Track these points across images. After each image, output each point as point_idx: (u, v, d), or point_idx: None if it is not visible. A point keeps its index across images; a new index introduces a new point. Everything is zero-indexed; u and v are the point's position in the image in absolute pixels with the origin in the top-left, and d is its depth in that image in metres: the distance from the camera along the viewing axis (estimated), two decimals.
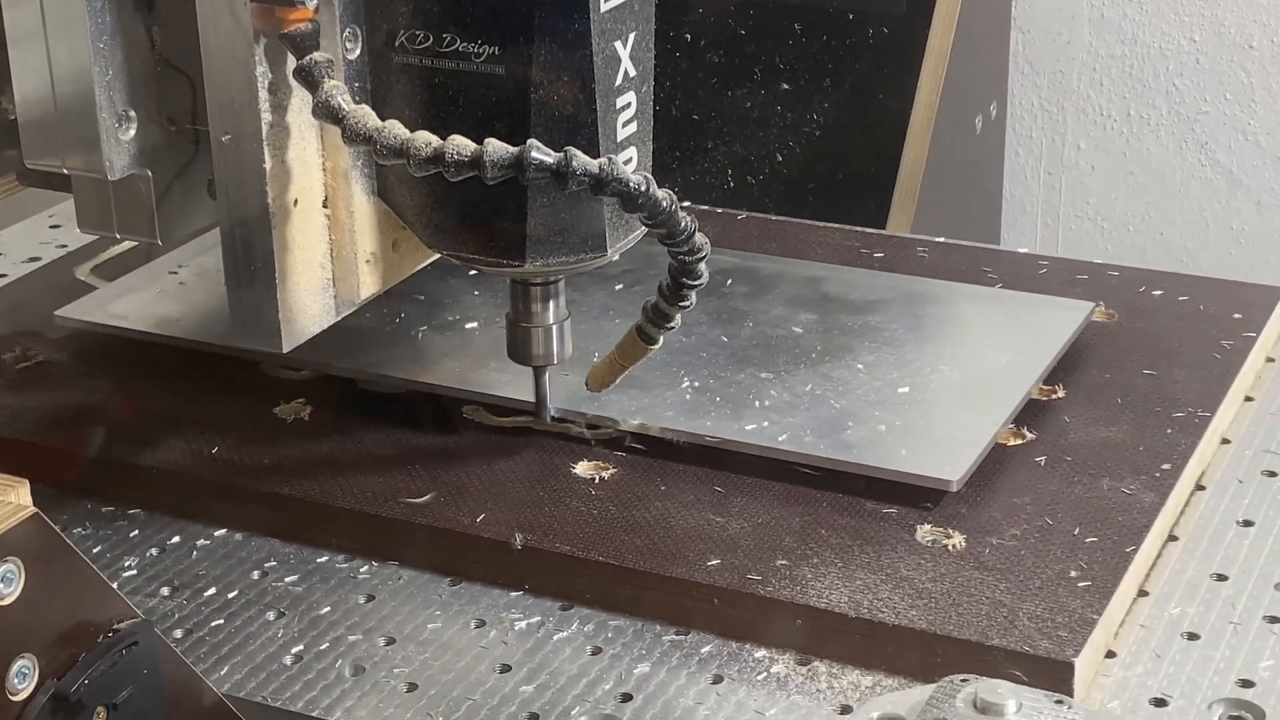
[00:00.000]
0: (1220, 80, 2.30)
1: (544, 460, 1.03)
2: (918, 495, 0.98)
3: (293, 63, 0.88)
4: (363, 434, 1.07)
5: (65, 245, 1.36)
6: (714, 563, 0.93)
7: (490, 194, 0.89)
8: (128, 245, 1.28)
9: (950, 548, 0.94)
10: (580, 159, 0.84)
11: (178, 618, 0.94)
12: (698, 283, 0.94)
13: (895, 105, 1.98)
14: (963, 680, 0.80)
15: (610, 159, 0.85)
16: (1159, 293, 1.21)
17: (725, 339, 1.13)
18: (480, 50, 0.90)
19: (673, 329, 0.98)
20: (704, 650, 0.91)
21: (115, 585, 0.79)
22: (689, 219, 0.89)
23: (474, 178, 0.85)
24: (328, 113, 0.87)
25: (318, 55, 0.88)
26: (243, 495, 1.02)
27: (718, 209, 1.40)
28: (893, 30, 1.99)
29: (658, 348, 1.00)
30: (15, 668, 0.70)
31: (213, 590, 0.96)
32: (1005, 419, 1.03)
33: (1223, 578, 0.94)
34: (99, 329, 1.18)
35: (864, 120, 2.01)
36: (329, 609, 0.94)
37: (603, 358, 1.02)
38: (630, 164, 0.94)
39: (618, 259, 0.98)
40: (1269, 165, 2.31)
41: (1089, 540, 0.94)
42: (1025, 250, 1.32)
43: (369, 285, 0.97)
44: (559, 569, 0.95)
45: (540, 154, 0.84)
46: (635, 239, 0.97)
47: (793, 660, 0.90)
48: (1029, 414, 1.06)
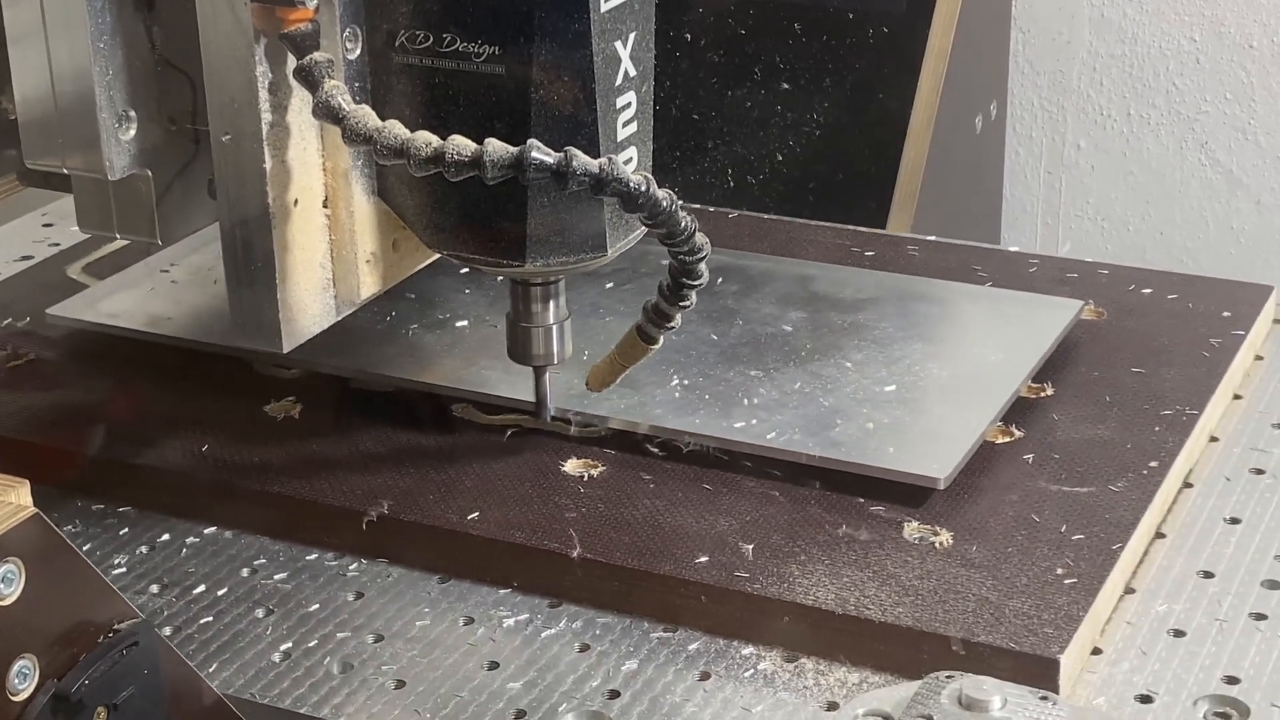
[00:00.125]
0: (1220, 80, 2.30)
1: (533, 458, 1.04)
2: (905, 493, 0.98)
3: (293, 63, 0.88)
4: (353, 432, 1.07)
5: (58, 244, 1.36)
6: (702, 560, 0.94)
7: (490, 194, 0.89)
8: (120, 244, 1.28)
9: (937, 545, 0.94)
10: (580, 159, 0.84)
11: (166, 615, 0.94)
12: (698, 282, 0.94)
13: (895, 105, 1.99)
14: (948, 677, 0.80)
15: (610, 159, 0.85)
16: (1148, 291, 1.21)
17: (715, 337, 1.13)
18: (480, 50, 0.90)
19: (673, 329, 0.98)
20: (691, 647, 0.91)
21: None
22: (689, 219, 0.89)
23: (474, 178, 0.85)
24: (328, 113, 0.87)
25: (318, 55, 0.88)
26: (233, 493, 1.02)
27: (710, 208, 1.40)
28: (893, 30, 1.99)
29: (658, 347, 1.00)
30: (16, 668, 0.70)
31: (202, 588, 0.96)
32: (993, 417, 1.03)
33: (1209, 575, 0.95)
34: (90, 327, 1.18)
35: (864, 120, 2.01)
36: (318, 606, 0.95)
37: (603, 358, 1.02)
38: (630, 164, 0.94)
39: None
40: (1269, 165, 2.32)
41: (1076, 538, 0.94)
42: (1016, 249, 1.32)
43: (369, 285, 0.98)
44: (547, 566, 0.95)
45: (540, 154, 0.84)
46: (635, 239, 0.97)
47: (780, 657, 0.90)
48: (1017, 412, 1.06)
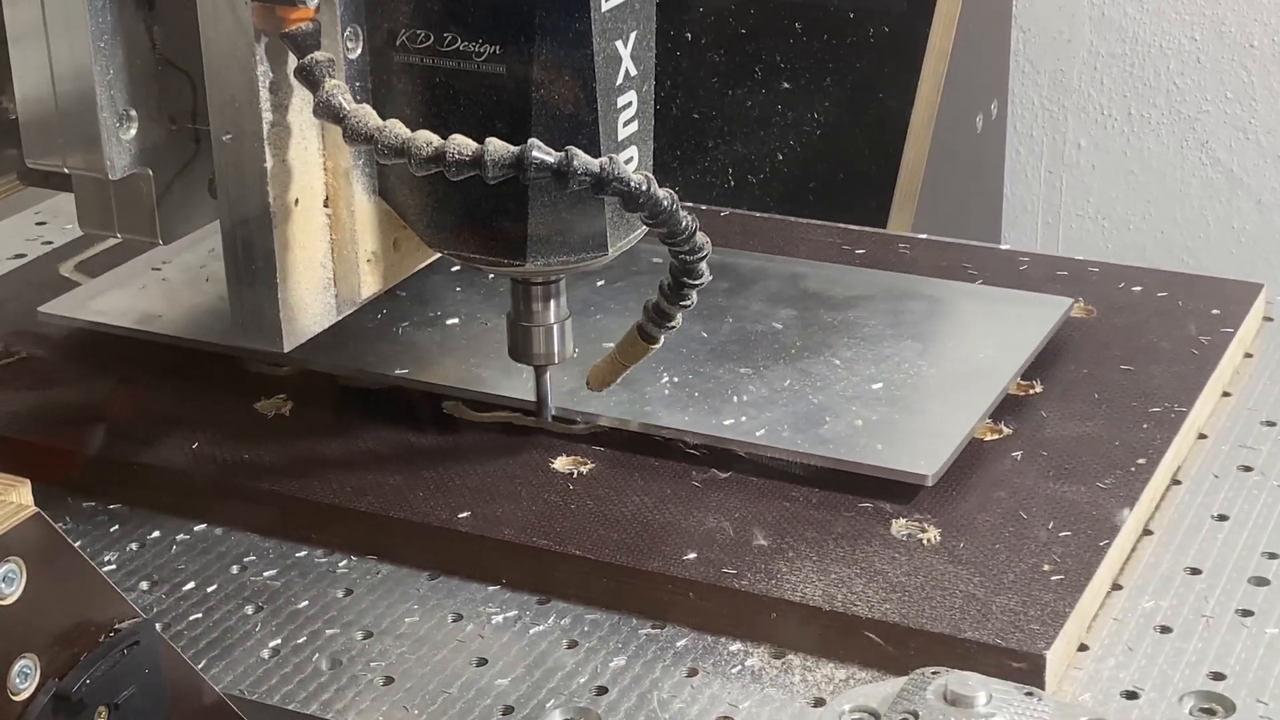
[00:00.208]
0: (1221, 79, 2.30)
1: (523, 455, 1.04)
2: (894, 489, 0.98)
3: (294, 62, 0.88)
4: (343, 430, 1.07)
5: (50, 242, 1.37)
6: (690, 557, 0.94)
7: (491, 193, 0.89)
8: (112, 242, 1.28)
9: (925, 542, 0.94)
10: (581, 158, 0.84)
11: (156, 612, 0.94)
12: (699, 282, 0.93)
13: (896, 104, 1.99)
14: (933, 673, 0.81)
15: (611, 158, 0.85)
16: (1138, 289, 1.21)
17: (705, 335, 1.13)
18: (481, 49, 0.90)
19: (674, 328, 0.98)
20: (680, 644, 0.91)
21: None
22: (690, 218, 0.89)
23: (475, 177, 0.85)
24: (329, 112, 0.87)
25: (319, 54, 0.88)
26: (223, 490, 1.02)
27: (702, 205, 1.41)
28: (893, 29, 2.00)
29: (659, 347, 1.00)
30: (17, 667, 0.70)
31: (191, 585, 0.96)
32: (982, 414, 1.04)
33: (1196, 571, 0.95)
34: (82, 325, 1.18)
35: (865, 119, 2.02)
36: (307, 603, 0.95)
37: (604, 357, 1.02)
38: (631, 163, 0.94)
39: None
40: (1269, 164, 2.32)
41: (1063, 534, 0.94)
42: (1007, 247, 1.32)
43: (370, 285, 0.98)
44: (536, 563, 0.96)
45: (541, 153, 0.84)
46: (636, 238, 0.97)
47: (767, 653, 0.90)
48: (1006, 409, 1.06)
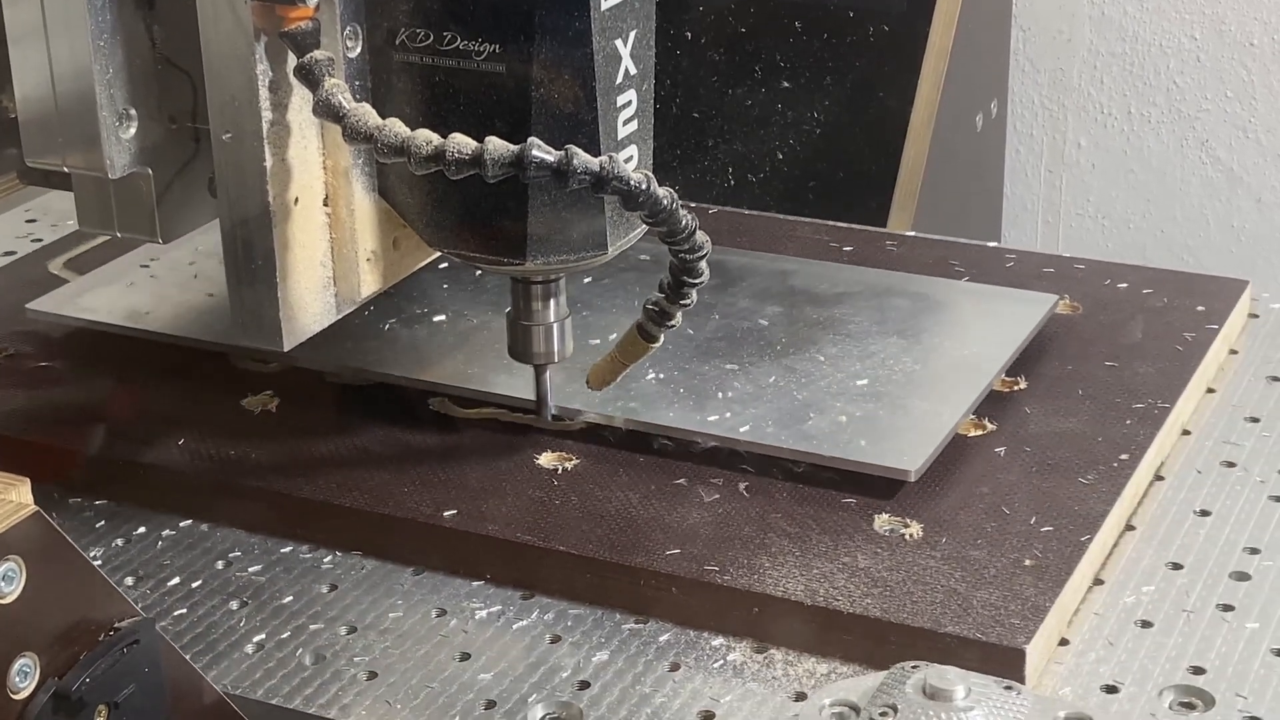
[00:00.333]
0: (1221, 78, 2.31)
1: (508, 451, 1.04)
2: (877, 485, 0.98)
3: (293, 61, 0.89)
4: (329, 426, 1.07)
5: (40, 239, 1.37)
6: (673, 552, 0.94)
7: (491, 192, 0.89)
8: (101, 240, 1.28)
9: (907, 537, 0.95)
10: (581, 157, 0.84)
11: (141, 607, 0.94)
12: (699, 281, 0.94)
13: (896, 103, 1.99)
14: (913, 667, 0.81)
15: (611, 157, 0.85)
16: (1124, 285, 1.22)
17: (691, 331, 1.13)
18: (481, 48, 0.90)
19: (674, 327, 0.98)
20: (662, 639, 0.92)
21: None
22: (690, 217, 0.89)
23: (474, 176, 0.85)
24: (328, 111, 0.87)
25: (318, 53, 0.88)
26: (209, 487, 1.03)
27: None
28: (893, 28, 2.00)
29: (659, 346, 1.00)
30: (16, 666, 0.70)
31: (176, 580, 0.97)
32: (966, 410, 1.04)
33: (1178, 566, 0.95)
34: (70, 322, 1.18)
35: (865, 118, 2.02)
36: (291, 599, 0.95)
37: (604, 356, 1.02)
38: (631, 162, 0.94)
39: None
40: (1269, 163, 2.32)
41: (1045, 530, 0.95)
42: (994, 244, 1.32)
43: (370, 283, 0.98)
44: (521, 559, 0.96)
45: (541, 152, 0.84)
46: (636, 237, 0.98)
47: (749, 648, 0.90)
48: (990, 405, 1.07)
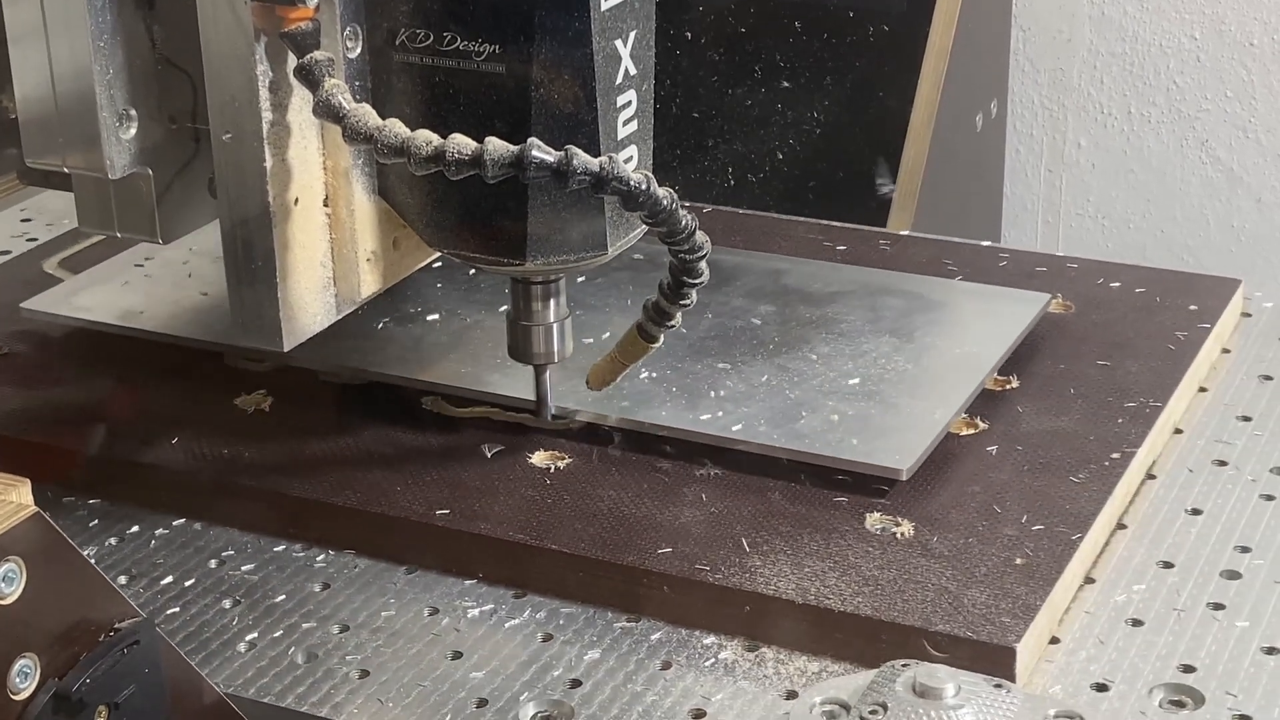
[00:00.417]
0: (1221, 78, 2.31)
1: (501, 450, 1.04)
2: (869, 484, 0.99)
3: (293, 61, 0.89)
4: (322, 425, 1.08)
5: (35, 239, 1.37)
6: (665, 551, 0.94)
7: (491, 193, 0.89)
8: (96, 239, 1.28)
9: (899, 535, 0.95)
10: (581, 157, 0.84)
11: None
12: (699, 281, 0.94)
13: (896, 103, 1.99)
14: (903, 665, 0.81)
15: (611, 157, 0.85)
16: (1116, 285, 1.22)
17: (684, 330, 1.13)
18: (481, 49, 0.90)
19: (674, 327, 0.98)
20: (654, 637, 0.92)
21: None
22: (689, 217, 0.90)
23: (474, 176, 0.85)
24: (328, 111, 0.87)
25: (318, 54, 0.88)
26: (202, 486, 1.03)
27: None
28: (893, 28, 2.00)
29: (659, 345, 1.00)
30: (17, 667, 0.70)
31: (169, 579, 0.97)
32: (958, 409, 1.04)
33: (1169, 565, 0.95)
34: (64, 321, 1.19)
35: (865, 118, 2.02)
36: (284, 597, 0.95)
37: (604, 356, 1.02)
38: (631, 162, 0.94)
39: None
40: (1269, 163, 2.32)
41: (1036, 528, 0.95)
42: (987, 243, 1.33)
43: (370, 284, 0.98)
44: (513, 557, 0.96)
45: (541, 153, 0.84)
46: (636, 237, 0.98)
47: (741, 646, 0.91)
48: (982, 404, 1.07)
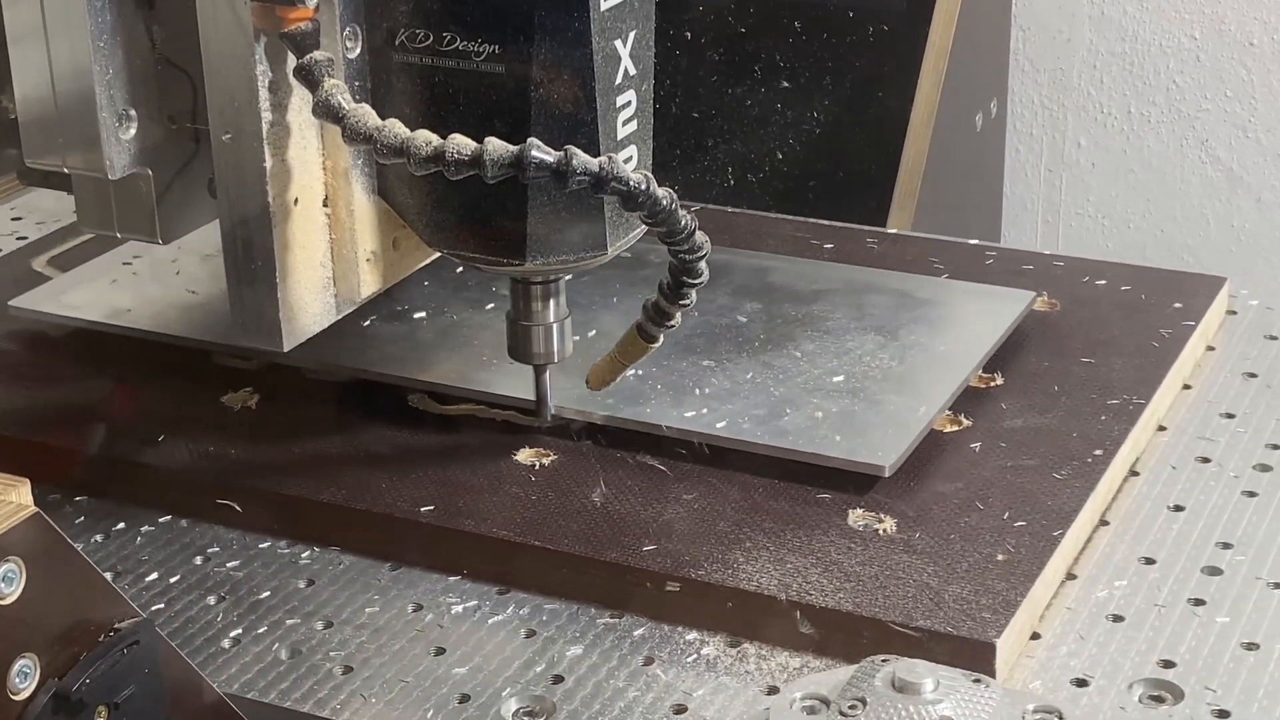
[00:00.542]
0: (1221, 77, 2.31)
1: (486, 447, 1.05)
2: (852, 480, 0.99)
3: (293, 61, 0.89)
4: (309, 423, 1.08)
5: (25, 237, 1.37)
6: (650, 548, 0.95)
7: (490, 193, 0.89)
8: (85, 238, 1.29)
9: (881, 532, 0.95)
10: (580, 158, 0.84)
11: None
12: (698, 281, 0.94)
13: (896, 103, 1.99)
14: (883, 660, 0.81)
15: (610, 158, 0.85)
16: (1102, 283, 1.22)
17: None
18: (480, 49, 0.90)
19: (674, 327, 0.98)
20: (637, 633, 0.92)
21: None
22: (689, 217, 0.90)
23: (474, 176, 0.85)
24: (328, 112, 0.87)
25: (318, 54, 0.89)
26: (187, 482, 1.03)
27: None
28: (893, 28, 2.00)
29: (658, 345, 1.00)
30: (16, 667, 0.70)
31: (154, 575, 0.97)
32: (941, 406, 1.04)
33: (1151, 561, 0.96)
34: (53, 319, 1.19)
35: (864, 118, 2.02)
36: (269, 594, 0.96)
37: (603, 356, 1.03)
38: (630, 162, 0.94)
39: None
40: (1269, 162, 2.32)
41: (1018, 525, 0.95)
42: (975, 241, 1.33)
43: (369, 284, 0.98)
44: (497, 554, 0.96)
45: (540, 153, 0.84)
46: (635, 237, 0.98)
47: (723, 642, 0.91)
48: (966, 401, 1.07)
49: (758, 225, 1.34)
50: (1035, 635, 0.90)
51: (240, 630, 0.93)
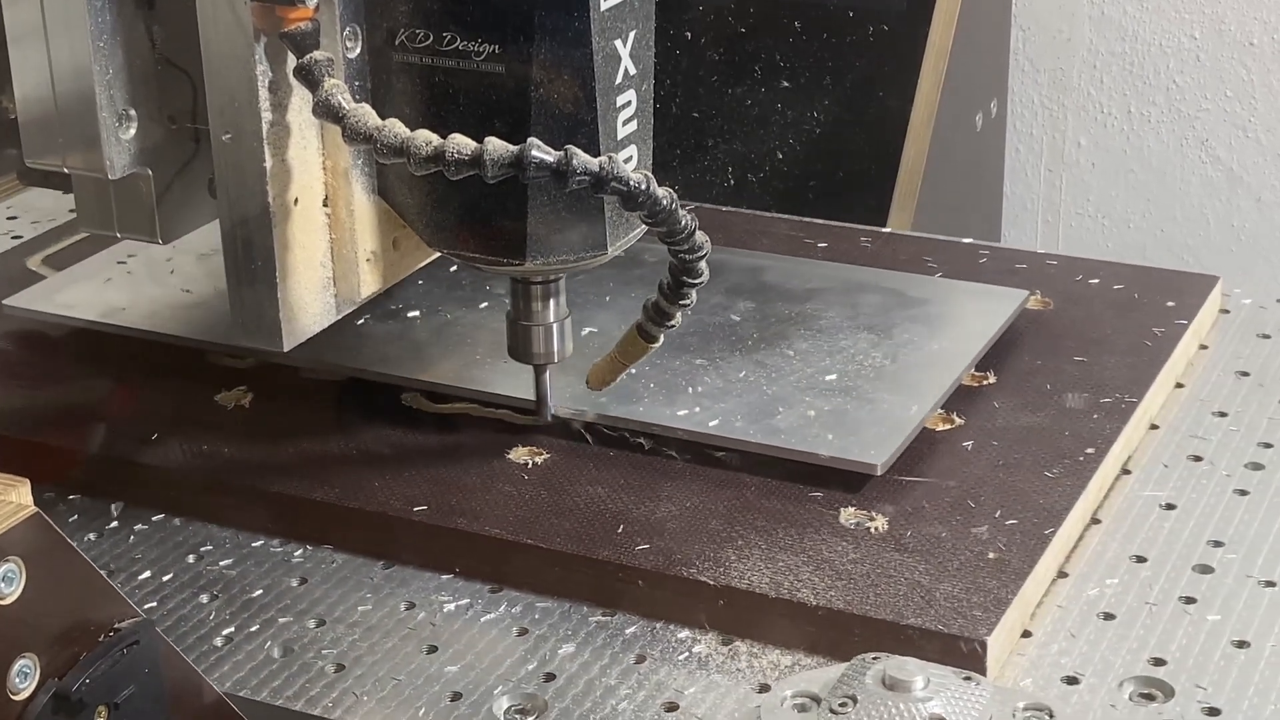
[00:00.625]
0: (1221, 77, 2.31)
1: (479, 446, 1.05)
2: (844, 479, 0.99)
3: (293, 61, 0.89)
4: (302, 421, 1.08)
5: (20, 236, 1.38)
6: (643, 547, 0.95)
7: (490, 193, 0.89)
8: (80, 236, 1.29)
9: (873, 530, 0.95)
10: (580, 157, 0.84)
11: None
12: (698, 281, 0.94)
13: (896, 103, 1.99)
14: (874, 658, 0.82)
15: (610, 157, 0.85)
16: (1095, 281, 1.22)
17: None
18: (480, 49, 0.90)
19: (674, 327, 0.98)
20: (629, 631, 0.92)
21: None
22: (689, 217, 0.89)
23: (474, 176, 0.85)
24: (328, 111, 0.87)
25: (318, 54, 0.89)
26: (180, 481, 1.03)
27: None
28: (893, 28, 2.00)
29: (659, 345, 1.00)
30: (16, 667, 0.70)
31: (147, 573, 0.97)
32: (933, 405, 1.04)
33: (1142, 559, 0.96)
34: (46, 318, 1.19)
35: (864, 118, 2.02)
36: (261, 592, 0.96)
37: (603, 356, 1.03)
38: (630, 162, 0.94)
39: None
40: (1269, 162, 2.32)
41: (1009, 523, 0.95)
42: (969, 240, 1.33)
43: (369, 284, 0.98)
44: (489, 552, 0.96)
45: (540, 153, 0.84)
46: (635, 237, 0.98)
47: (715, 640, 0.91)
48: (959, 400, 1.07)
49: (752, 224, 1.34)
50: (1026, 633, 0.90)
51: (233, 628, 0.93)
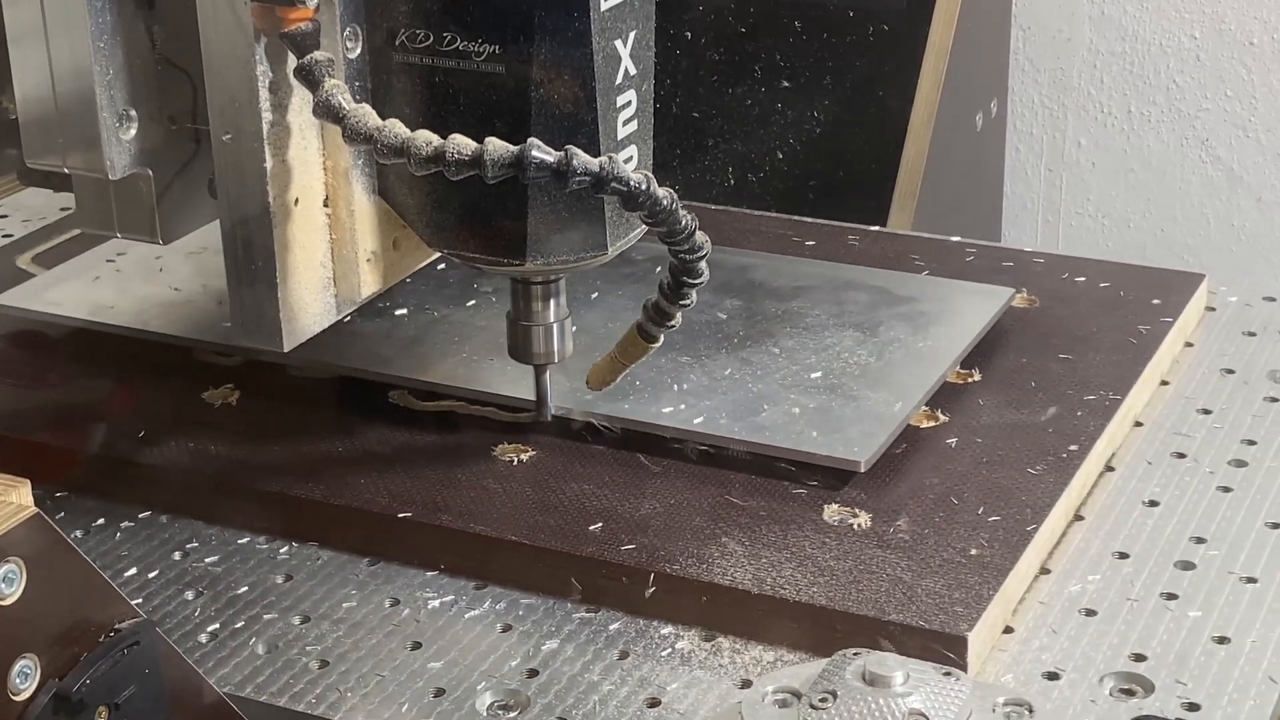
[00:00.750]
0: (1221, 77, 2.31)
1: (465, 443, 1.05)
2: (828, 476, 0.99)
3: (293, 62, 0.89)
4: (288, 419, 1.08)
5: (10, 235, 1.38)
6: (629, 548, 0.95)
7: (491, 193, 0.89)
8: (70, 234, 1.29)
9: (856, 527, 0.96)
10: (581, 158, 0.84)
11: None
12: (699, 281, 0.94)
13: (896, 103, 1.99)
14: (854, 654, 0.82)
15: (611, 157, 0.85)
16: (1081, 279, 1.23)
17: None
18: (481, 49, 0.90)
19: (674, 327, 0.98)
20: (612, 627, 0.92)
21: None
22: (689, 217, 0.90)
23: (474, 177, 0.85)
24: (328, 112, 0.87)
25: (318, 54, 0.89)
26: (166, 478, 1.04)
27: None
28: (893, 27, 2.00)
29: (659, 345, 1.00)
30: (17, 668, 0.70)
31: (133, 570, 0.98)
32: (918, 402, 1.05)
33: (1124, 556, 0.96)
34: (35, 316, 1.19)
35: (864, 118, 2.02)
36: (246, 589, 0.96)
37: (604, 356, 1.03)
38: (631, 162, 0.94)
39: None
40: (1269, 162, 2.32)
41: (992, 519, 0.95)
42: (956, 239, 1.33)
43: (370, 284, 0.98)
44: (474, 549, 0.97)
45: (541, 153, 0.84)
46: (636, 238, 0.98)
47: (698, 636, 0.91)
48: (944, 397, 1.07)
49: (741, 222, 1.35)
50: (1008, 629, 0.91)
51: (218, 625, 0.93)
